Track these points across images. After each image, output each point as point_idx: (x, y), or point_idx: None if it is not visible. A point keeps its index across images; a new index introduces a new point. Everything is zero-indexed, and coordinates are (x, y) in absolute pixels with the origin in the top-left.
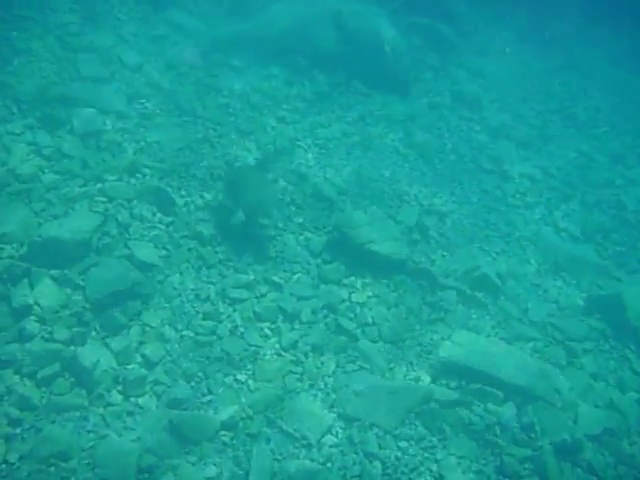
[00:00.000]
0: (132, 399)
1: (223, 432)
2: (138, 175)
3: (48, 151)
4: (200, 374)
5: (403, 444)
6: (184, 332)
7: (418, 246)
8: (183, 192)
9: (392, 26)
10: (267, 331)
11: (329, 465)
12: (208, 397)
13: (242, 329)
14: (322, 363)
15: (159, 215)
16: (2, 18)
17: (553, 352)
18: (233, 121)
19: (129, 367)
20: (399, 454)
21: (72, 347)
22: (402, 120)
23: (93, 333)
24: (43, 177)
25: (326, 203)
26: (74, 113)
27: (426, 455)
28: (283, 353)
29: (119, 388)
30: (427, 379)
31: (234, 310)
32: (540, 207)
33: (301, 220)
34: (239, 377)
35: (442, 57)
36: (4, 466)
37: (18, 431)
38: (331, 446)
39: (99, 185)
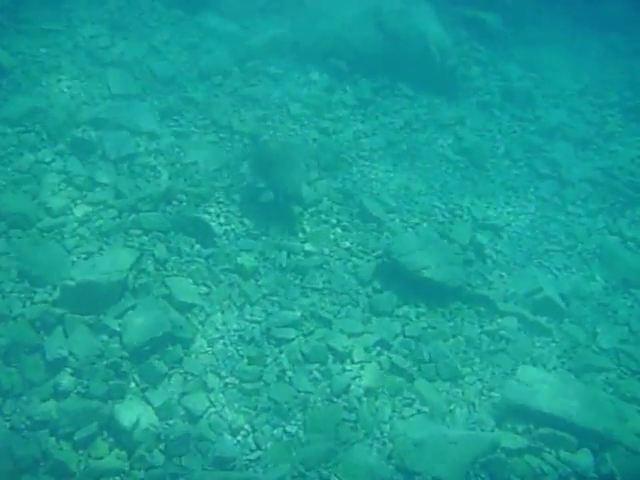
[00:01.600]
0: (175, 459)
1: None
2: (174, 202)
3: (80, 180)
4: (247, 427)
5: None
6: (228, 379)
7: (474, 266)
8: (222, 219)
9: (437, 23)
10: (317, 374)
11: None
12: (256, 453)
13: (290, 373)
14: (377, 409)
15: (197, 247)
16: (30, 33)
17: (629, 385)
18: (272, 135)
19: (171, 422)
20: None
21: (110, 402)
22: (451, 124)
23: (132, 385)
24: (75, 209)
25: (374, 224)
26: (105, 137)
27: None
28: (335, 399)
29: (161, 447)
30: (491, 422)
31: (281, 352)
32: (603, 214)
33: (348, 244)
34: (289, 429)
35: (490, 50)
36: None
37: None
38: None
39: (134, 216)
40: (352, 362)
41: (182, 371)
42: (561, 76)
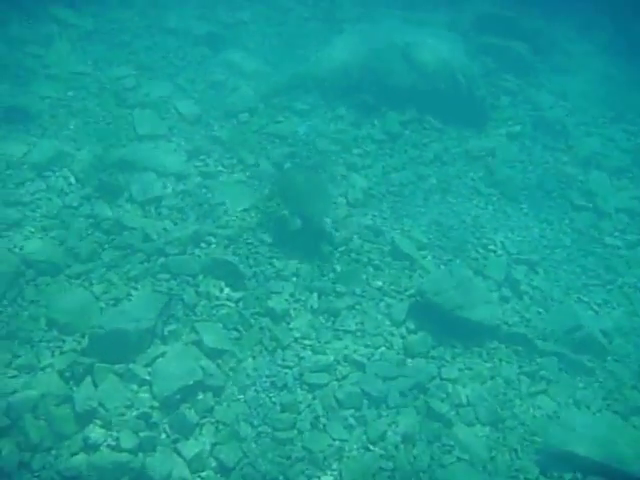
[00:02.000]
0: None
1: None
2: (202, 245)
3: (107, 224)
4: (281, 478)
5: None
6: (261, 428)
7: (510, 303)
8: (251, 261)
9: (464, 53)
10: (352, 420)
11: None
12: None
13: (324, 420)
14: (415, 456)
15: (227, 291)
16: (58, 77)
17: None
18: (296, 162)
19: (203, 474)
20: None
21: (141, 455)
22: (481, 156)
23: (163, 436)
24: (103, 254)
25: (406, 261)
26: (132, 179)
27: None
28: (371, 447)
29: None
30: (535, 470)
31: (314, 398)
32: None
33: (380, 283)
34: (324, 479)
35: (519, 79)
36: None
37: None
38: None
39: (162, 259)
40: (388, 407)
41: (213, 420)
42: (593, 104)
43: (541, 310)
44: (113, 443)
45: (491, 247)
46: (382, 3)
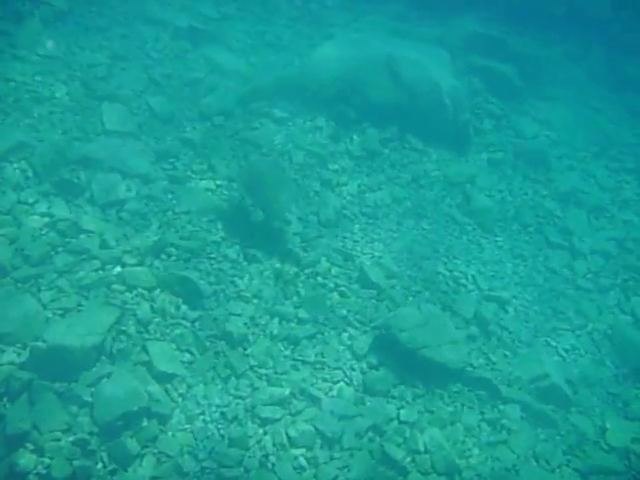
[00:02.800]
0: None
1: None
2: (163, 256)
3: (64, 225)
4: None
5: None
6: (206, 463)
7: (476, 343)
8: (212, 278)
9: (452, 72)
10: (302, 461)
11: None
12: None
13: (273, 459)
14: None
15: (184, 308)
16: (25, 59)
17: None
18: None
19: None
20: None
21: None
22: (460, 182)
23: (99, 466)
24: (56, 258)
25: (373, 290)
26: (95, 178)
27: None
28: None
29: None
30: None
31: (265, 433)
32: (616, 291)
33: (344, 312)
34: None
35: (504, 103)
36: None
37: None
38: None
39: (118, 269)
40: (341, 449)
41: (156, 451)
42: (576, 136)
43: (508, 353)
44: (43, 471)
45: (462, 281)
46: (371, 11)
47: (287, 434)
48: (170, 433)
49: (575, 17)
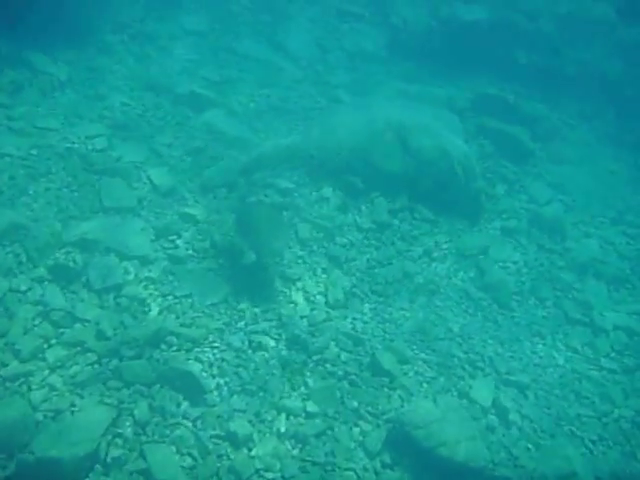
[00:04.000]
0: None
1: None
2: (163, 346)
3: (58, 315)
4: None
5: None
6: None
7: (496, 435)
8: (215, 370)
9: (462, 137)
10: None
11: None
12: None
13: None
14: None
15: (185, 406)
16: (22, 132)
17: None
18: (278, 262)
19: None
20: None
21: None
22: (473, 254)
23: None
24: (48, 353)
25: (385, 378)
26: (91, 262)
27: None
28: None
29: None
30: None
31: None
32: None
33: (356, 404)
34: None
35: (516, 166)
36: None
37: None
38: None
39: (115, 362)
40: None
41: None
42: (592, 200)
43: (530, 446)
44: None
45: (479, 364)
46: (377, 71)
47: None
48: None
49: (587, 77)
